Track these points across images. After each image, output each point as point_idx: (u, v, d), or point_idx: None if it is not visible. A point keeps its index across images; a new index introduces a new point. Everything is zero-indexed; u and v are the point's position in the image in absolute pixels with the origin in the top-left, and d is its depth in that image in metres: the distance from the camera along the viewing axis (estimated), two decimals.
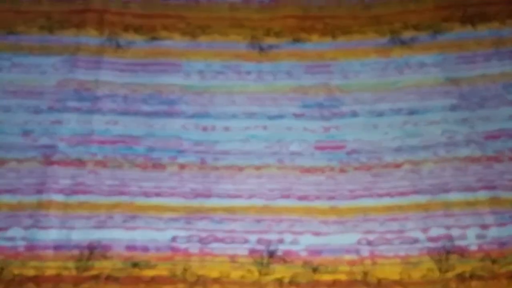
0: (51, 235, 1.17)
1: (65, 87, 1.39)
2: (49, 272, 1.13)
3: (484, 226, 1.17)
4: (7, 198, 1.22)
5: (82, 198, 1.23)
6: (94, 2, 1.54)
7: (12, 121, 1.34)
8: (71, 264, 1.14)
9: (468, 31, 1.48)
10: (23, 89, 1.39)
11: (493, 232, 1.16)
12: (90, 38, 1.47)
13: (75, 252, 1.15)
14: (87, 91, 1.39)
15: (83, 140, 1.31)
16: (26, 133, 1.32)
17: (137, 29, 1.50)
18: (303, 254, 1.16)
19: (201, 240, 1.17)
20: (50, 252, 1.15)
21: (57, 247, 1.16)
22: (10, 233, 1.17)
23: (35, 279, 1.12)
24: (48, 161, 1.27)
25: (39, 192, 1.23)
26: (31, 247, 1.16)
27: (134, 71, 1.43)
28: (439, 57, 1.43)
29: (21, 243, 1.16)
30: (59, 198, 1.22)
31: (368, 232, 1.18)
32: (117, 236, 1.17)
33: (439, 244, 1.15)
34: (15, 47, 1.46)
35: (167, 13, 1.53)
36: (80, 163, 1.28)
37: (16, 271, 1.12)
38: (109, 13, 1.52)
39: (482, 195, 1.21)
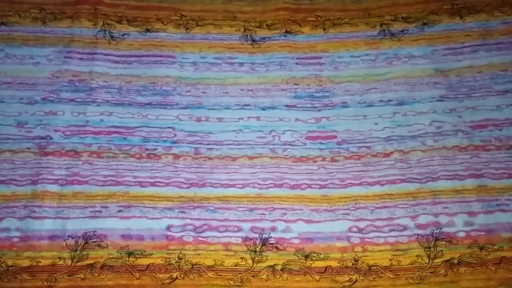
0: (46, 225, 1.18)
1: (59, 78, 1.39)
2: (44, 262, 1.14)
3: (472, 214, 1.20)
4: (1, 189, 1.22)
5: (77, 188, 1.23)
6: None
7: (6, 112, 1.33)
8: (66, 254, 1.15)
9: (456, 23, 1.49)
10: (17, 80, 1.38)
11: (480, 219, 1.19)
12: (84, 29, 1.47)
13: (70, 242, 1.16)
14: (81, 82, 1.39)
15: (77, 131, 1.31)
16: (20, 124, 1.32)
17: (131, 21, 1.50)
18: (295, 241, 1.18)
19: (196, 229, 1.19)
20: (45, 242, 1.16)
21: (52, 237, 1.17)
22: (4, 224, 1.18)
23: (30, 269, 1.13)
24: (43, 152, 1.28)
25: (34, 182, 1.23)
26: (25, 238, 1.17)
27: (128, 63, 1.43)
28: (428, 48, 1.45)
29: (15, 234, 1.17)
30: (54, 188, 1.23)
31: (359, 219, 1.20)
32: (112, 225, 1.19)
33: (427, 231, 1.18)
34: (8, 38, 1.45)
35: (161, 5, 1.52)
36: (75, 153, 1.28)
37: (10, 262, 1.14)
38: (103, 4, 1.51)
39: (469, 183, 1.24)
